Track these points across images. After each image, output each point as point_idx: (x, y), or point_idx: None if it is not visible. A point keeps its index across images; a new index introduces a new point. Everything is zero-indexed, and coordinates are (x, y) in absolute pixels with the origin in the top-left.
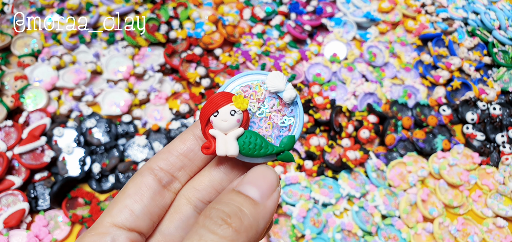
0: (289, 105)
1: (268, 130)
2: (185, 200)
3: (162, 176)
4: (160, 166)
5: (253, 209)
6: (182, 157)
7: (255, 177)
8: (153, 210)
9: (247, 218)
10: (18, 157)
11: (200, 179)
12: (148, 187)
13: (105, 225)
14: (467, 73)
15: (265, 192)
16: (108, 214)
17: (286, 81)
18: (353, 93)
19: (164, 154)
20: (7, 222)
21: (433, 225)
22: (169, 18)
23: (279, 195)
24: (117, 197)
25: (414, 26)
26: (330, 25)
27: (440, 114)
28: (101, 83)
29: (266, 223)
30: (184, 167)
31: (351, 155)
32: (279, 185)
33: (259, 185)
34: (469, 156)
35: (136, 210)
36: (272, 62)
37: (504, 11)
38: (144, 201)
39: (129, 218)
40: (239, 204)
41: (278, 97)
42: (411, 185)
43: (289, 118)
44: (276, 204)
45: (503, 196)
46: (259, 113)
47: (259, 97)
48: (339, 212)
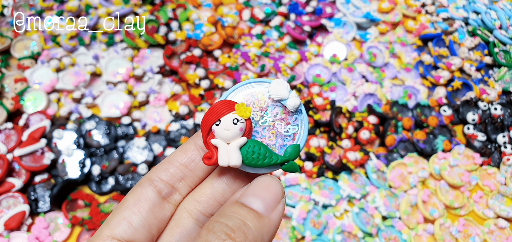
0: (293, 114)
1: (271, 139)
2: (186, 213)
3: (162, 187)
4: (160, 177)
5: (257, 223)
6: (183, 168)
7: (259, 188)
8: (152, 223)
9: (252, 232)
10: (18, 159)
11: (202, 191)
12: (147, 199)
13: (104, 237)
14: (468, 74)
15: (270, 204)
16: (107, 226)
17: (289, 88)
18: (353, 94)
19: (165, 165)
20: (7, 224)
21: (434, 226)
22: (168, 20)
23: (284, 206)
24: (116, 209)
25: (414, 26)
26: (329, 25)
27: (441, 114)
28: (100, 85)
29: (271, 237)
30: (185, 177)
31: (351, 156)
32: (284, 196)
33: (263, 196)
34: (470, 157)
35: (134, 222)
36: (271, 63)
37: (505, 11)
38: (142, 213)
39: (127, 230)
40: (243, 217)
41: (282, 105)
42: (411, 186)
43: (293, 127)
44: (281, 216)
45: (505, 197)
46: (262, 122)
47: (262, 106)
48: (339, 214)
